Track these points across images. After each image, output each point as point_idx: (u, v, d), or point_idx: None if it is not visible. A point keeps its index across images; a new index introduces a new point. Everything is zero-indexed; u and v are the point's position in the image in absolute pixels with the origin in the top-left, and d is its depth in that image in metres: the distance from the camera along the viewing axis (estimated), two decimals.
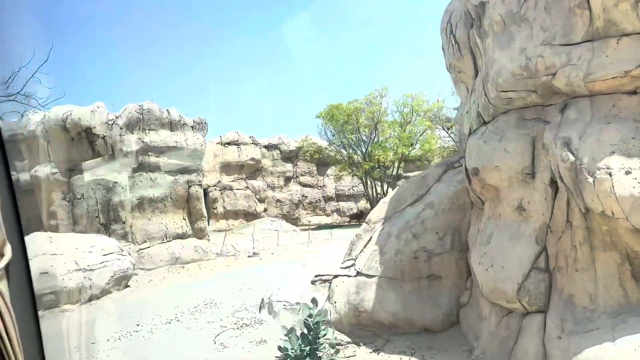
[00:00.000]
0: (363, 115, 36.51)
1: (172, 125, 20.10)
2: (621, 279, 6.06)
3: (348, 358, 8.18)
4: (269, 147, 46.62)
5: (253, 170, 45.37)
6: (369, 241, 9.99)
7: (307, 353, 6.81)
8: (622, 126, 5.95)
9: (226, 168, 43.33)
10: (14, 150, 16.90)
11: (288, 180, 47.51)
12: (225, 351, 8.82)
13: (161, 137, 19.63)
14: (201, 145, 20.80)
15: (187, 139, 20.27)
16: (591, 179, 5.91)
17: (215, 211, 41.09)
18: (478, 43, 8.02)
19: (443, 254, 9.00)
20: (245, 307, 11.86)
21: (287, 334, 7.44)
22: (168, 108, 20.31)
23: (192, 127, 20.77)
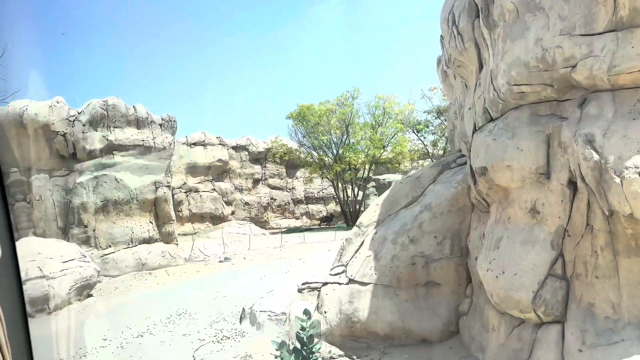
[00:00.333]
0: (334, 116, 36.00)
1: (139, 122, 18.95)
2: None
3: None
4: (237, 148, 45.54)
5: (220, 171, 44.18)
6: (361, 246, 9.35)
7: None
8: None
9: (192, 169, 41.97)
10: None
11: (256, 182, 46.53)
12: None
13: (127, 135, 18.47)
14: (170, 144, 19.73)
15: (155, 138, 19.16)
16: (618, 179, 5.45)
17: (180, 214, 39.70)
18: (484, 34, 7.52)
19: (442, 260, 8.45)
20: (223, 317, 11.02)
21: (279, 349, 6.70)
22: (134, 104, 19.14)
23: (161, 125, 19.66)
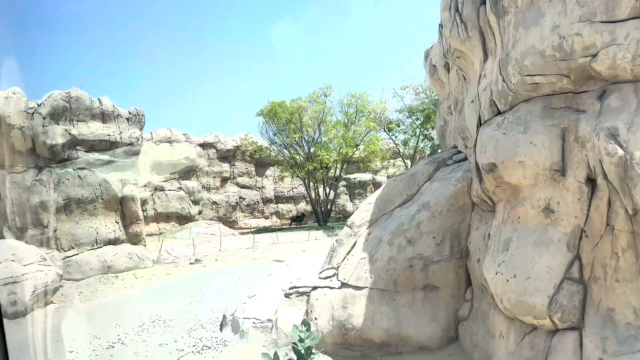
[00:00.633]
0: (306, 114, 35.37)
1: (105, 116, 17.81)
2: None
3: None
4: (205, 146, 44.32)
5: (187, 170, 42.88)
6: (353, 247, 8.79)
7: None
8: None
9: (157, 167, 40.53)
10: None
11: (225, 181, 45.42)
12: None
13: (91, 130, 17.31)
14: (137, 139, 18.64)
15: (122, 133, 18.06)
16: None
17: (145, 214, 38.18)
18: (491, 22, 7.07)
19: (441, 262, 7.98)
20: (201, 325, 10.25)
21: None
22: (100, 97, 17.98)
23: (128, 120, 18.55)
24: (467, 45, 7.72)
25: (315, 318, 8.33)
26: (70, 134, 16.73)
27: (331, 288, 8.49)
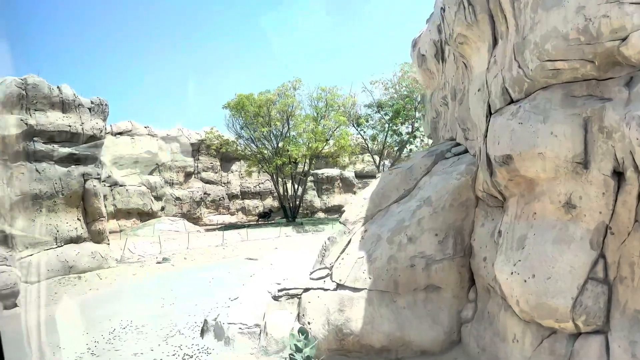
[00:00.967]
0: (275, 107, 34.50)
1: (65, 105, 16.50)
2: None
3: None
4: (167, 139, 42.73)
5: (149, 164, 41.22)
6: (348, 245, 8.21)
7: None
8: None
9: (117, 161, 38.75)
10: None
11: (189, 176, 43.99)
12: None
13: (51, 120, 15.99)
14: (101, 130, 17.41)
15: (84, 123, 16.79)
16: None
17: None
18: (503, 4, 6.60)
19: (444, 261, 7.50)
20: (178, 330, 9.46)
21: None
22: (60, 85, 16.65)
23: (90, 109, 17.29)
24: (474, 30, 7.24)
25: (308, 322, 7.71)
26: (26, 124, 15.39)
27: (325, 290, 7.89)
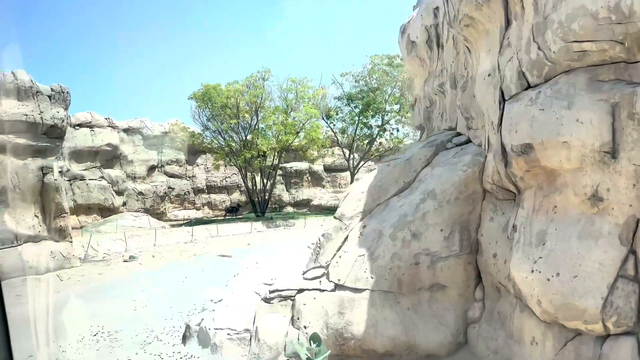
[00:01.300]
0: (243, 98, 33.47)
1: (21, 92, 15.15)
2: None
3: None
4: (129, 131, 40.98)
5: (109, 157, 39.44)
6: (344, 242, 7.63)
7: None
8: None
9: (76, 154, 36.84)
10: None
11: (152, 169, 42.35)
12: None
13: (4, 108, 14.65)
14: (62, 120, 16.13)
15: (43, 112, 15.48)
16: None
17: None
18: None
19: (450, 258, 7.03)
20: (155, 336, 8.68)
21: None
22: (14, 70, 15.31)
23: (50, 97, 15.98)
24: (484, 10, 6.76)
25: (304, 326, 7.10)
26: None
27: (321, 290, 7.29)
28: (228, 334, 7.41)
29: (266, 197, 37.77)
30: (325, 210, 43.47)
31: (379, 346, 6.78)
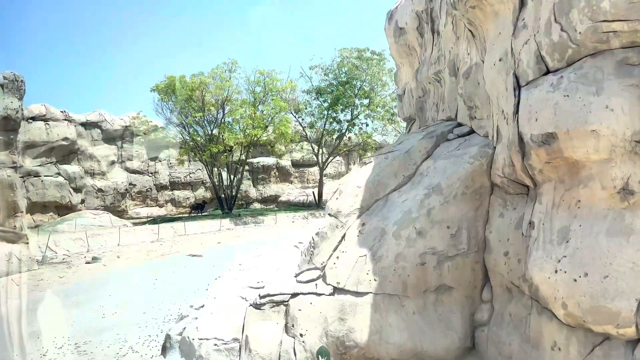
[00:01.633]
0: (209, 91, 32.29)
1: None
2: None
3: None
4: (87, 125, 39.09)
5: (66, 152, 37.50)
6: (341, 242, 7.04)
7: None
8: None
9: (30, 149, 34.80)
10: None
11: (112, 165, 40.55)
12: None
13: None
14: (15, 111, 14.82)
15: None
16: None
17: None
18: None
19: (457, 257, 6.55)
20: (130, 347, 7.88)
21: None
22: None
23: (2, 87, 14.64)
24: None
25: (300, 334, 6.49)
26: None
27: (318, 294, 6.69)
28: (215, 345, 6.72)
29: (233, 194, 36.74)
30: (293, 206, 42.77)
31: (384, 354, 6.24)
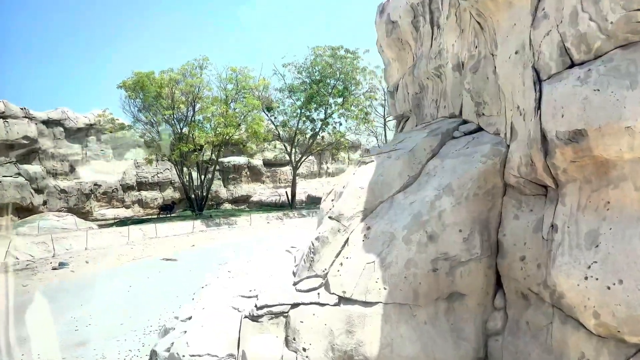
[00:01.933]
0: (179, 87, 31.22)
1: None
2: None
3: None
4: (49, 123, 37.34)
5: (27, 152, 35.70)
6: (345, 247, 6.55)
7: None
8: None
9: None
10: None
11: (75, 165, 38.83)
12: None
13: None
14: None
15: None
16: None
17: None
18: None
19: (470, 262, 6.15)
20: None
21: None
22: None
23: None
24: None
25: (303, 349, 5.96)
26: None
27: (322, 305, 6.18)
28: None
29: (204, 194, 35.74)
30: (265, 206, 42.04)
31: None
